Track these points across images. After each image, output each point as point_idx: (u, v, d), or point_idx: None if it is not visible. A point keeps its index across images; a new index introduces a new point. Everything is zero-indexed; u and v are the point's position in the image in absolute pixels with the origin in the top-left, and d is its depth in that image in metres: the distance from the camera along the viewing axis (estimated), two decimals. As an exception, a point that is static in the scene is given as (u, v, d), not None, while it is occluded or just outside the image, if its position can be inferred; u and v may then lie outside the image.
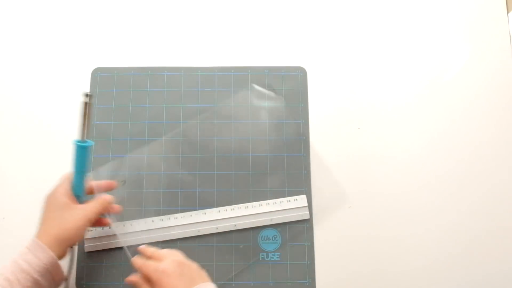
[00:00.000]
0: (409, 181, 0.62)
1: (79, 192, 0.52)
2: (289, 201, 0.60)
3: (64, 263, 0.50)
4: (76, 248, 0.58)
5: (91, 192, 0.54)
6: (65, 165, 0.51)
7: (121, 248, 0.58)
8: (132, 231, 0.59)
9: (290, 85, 0.65)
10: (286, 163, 0.62)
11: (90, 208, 0.51)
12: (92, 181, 0.54)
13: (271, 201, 0.60)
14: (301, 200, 0.60)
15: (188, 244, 0.59)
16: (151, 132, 0.63)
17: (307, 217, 0.60)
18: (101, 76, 0.65)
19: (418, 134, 0.64)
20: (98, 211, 0.52)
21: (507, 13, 0.67)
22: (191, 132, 0.63)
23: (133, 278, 0.50)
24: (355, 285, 0.59)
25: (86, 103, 0.49)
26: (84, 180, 0.52)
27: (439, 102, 0.65)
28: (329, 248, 0.60)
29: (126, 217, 0.59)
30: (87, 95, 0.49)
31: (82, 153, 0.50)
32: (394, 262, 0.60)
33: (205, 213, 0.60)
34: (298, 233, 0.60)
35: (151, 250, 0.52)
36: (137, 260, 0.50)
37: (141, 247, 0.53)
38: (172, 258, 0.49)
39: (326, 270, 0.59)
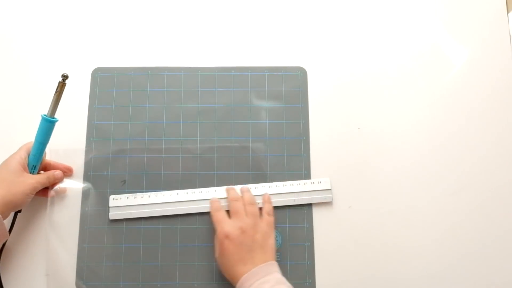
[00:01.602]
0: (409, 181, 0.62)
1: (35, 162, 0.56)
2: (313, 183, 0.61)
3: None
4: (75, 247, 0.58)
5: (44, 169, 0.58)
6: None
7: (120, 247, 0.58)
8: (157, 202, 0.59)
9: (290, 85, 0.65)
10: (286, 163, 0.62)
11: (39, 179, 0.55)
12: (50, 160, 0.59)
13: (295, 182, 0.61)
14: (325, 183, 0.61)
15: (188, 244, 0.59)
16: (151, 132, 0.63)
17: (330, 200, 0.60)
18: (101, 76, 0.65)
19: (418, 135, 0.64)
20: (45, 184, 0.56)
21: (507, 13, 0.67)
22: (190, 132, 0.63)
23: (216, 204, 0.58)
24: (355, 286, 0.59)
25: (62, 84, 0.53)
26: (42, 152, 0.56)
27: (439, 102, 0.65)
28: (329, 248, 0.59)
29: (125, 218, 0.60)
30: (65, 76, 0.53)
31: (47, 127, 0.55)
32: (394, 262, 0.60)
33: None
34: (298, 233, 0.60)
35: (247, 196, 0.58)
36: (232, 194, 0.58)
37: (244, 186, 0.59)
38: (249, 220, 0.54)
39: (326, 270, 0.59)
